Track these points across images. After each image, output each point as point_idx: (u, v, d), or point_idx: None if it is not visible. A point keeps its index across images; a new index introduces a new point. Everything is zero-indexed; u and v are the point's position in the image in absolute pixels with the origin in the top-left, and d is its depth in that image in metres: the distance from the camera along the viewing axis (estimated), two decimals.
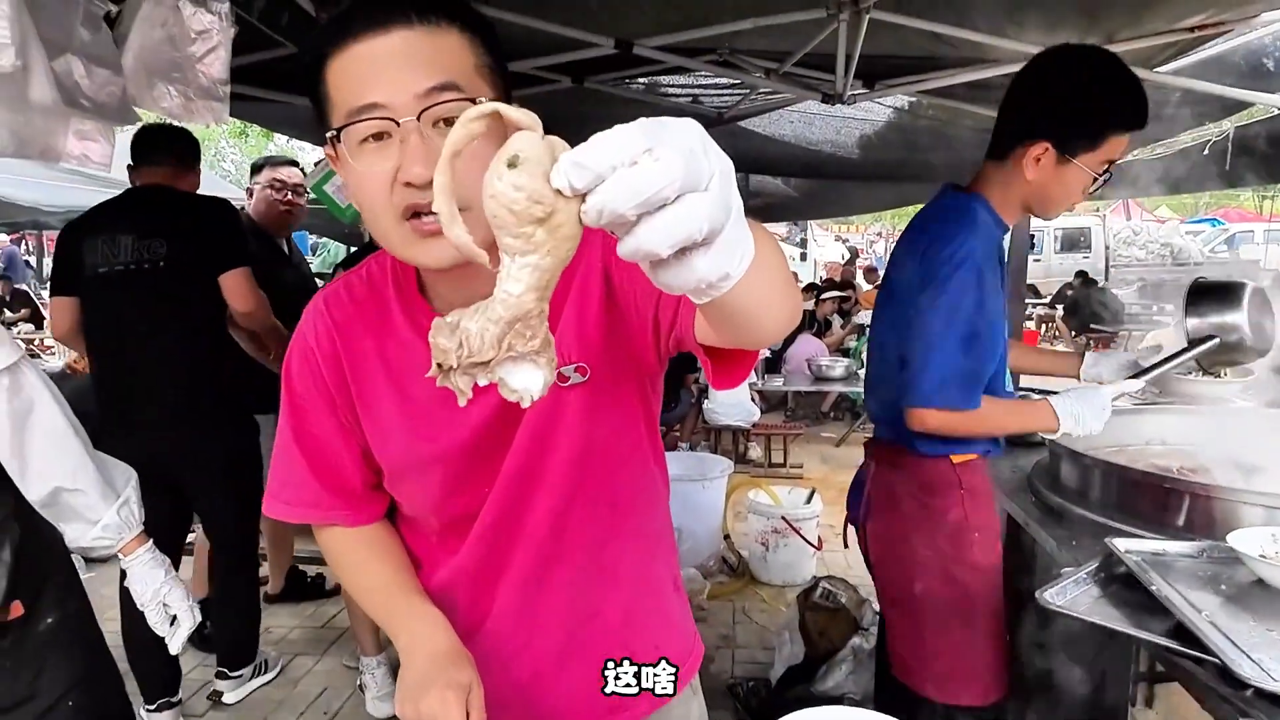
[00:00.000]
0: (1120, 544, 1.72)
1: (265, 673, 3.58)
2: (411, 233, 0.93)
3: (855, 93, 3.80)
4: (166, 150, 3.05)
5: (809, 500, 4.68)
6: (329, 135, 0.96)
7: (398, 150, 0.90)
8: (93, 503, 1.52)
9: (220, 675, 3.42)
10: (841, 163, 6.81)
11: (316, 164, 3.10)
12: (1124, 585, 1.69)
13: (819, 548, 4.65)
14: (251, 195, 3.72)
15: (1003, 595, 2.05)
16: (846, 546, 2.40)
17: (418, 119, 0.88)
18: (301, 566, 4.36)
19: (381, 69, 0.90)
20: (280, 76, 3.81)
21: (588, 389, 1.08)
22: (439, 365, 0.60)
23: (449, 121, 0.87)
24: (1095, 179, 1.90)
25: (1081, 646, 1.95)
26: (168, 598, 1.63)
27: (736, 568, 4.70)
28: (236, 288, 2.92)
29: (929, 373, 1.89)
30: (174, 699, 3.11)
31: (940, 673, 2.08)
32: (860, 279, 12.81)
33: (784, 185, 8.96)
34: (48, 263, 14.42)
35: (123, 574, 1.74)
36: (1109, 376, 2.31)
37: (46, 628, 1.50)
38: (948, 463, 2.05)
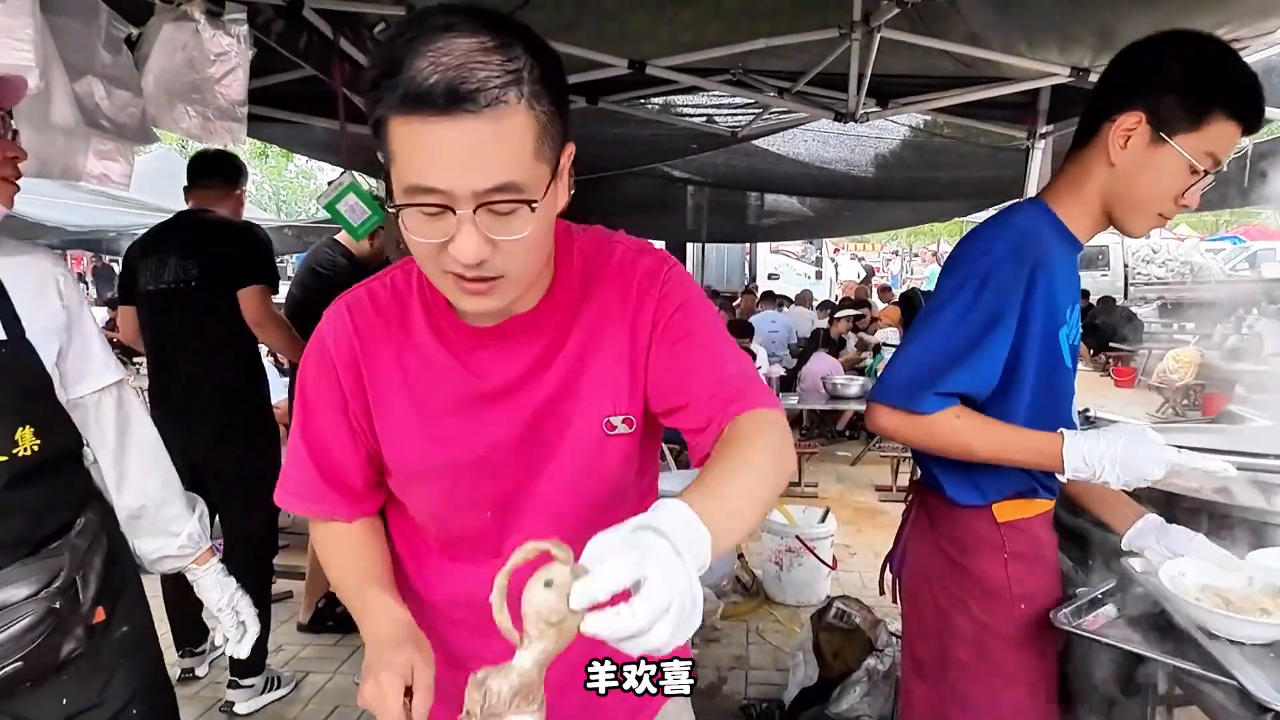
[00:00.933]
0: (1137, 564, 1.70)
1: (278, 688, 3.59)
2: (456, 287, 1.00)
3: (868, 111, 3.81)
4: (213, 174, 3.33)
5: (823, 519, 4.64)
6: (390, 205, 0.98)
7: (451, 224, 0.93)
8: (178, 514, 1.62)
9: (232, 685, 3.45)
10: (856, 181, 6.82)
11: (330, 184, 3.14)
12: (1141, 606, 1.66)
13: (834, 567, 4.61)
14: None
15: (1054, 681, 1.77)
16: (883, 594, 2.08)
17: (473, 212, 0.92)
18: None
19: (443, 161, 0.90)
20: (298, 98, 3.87)
21: (630, 439, 1.17)
22: (468, 712, 0.81)
23: (494, 210, 0.93)
24: (1194, 171, 1.52)
25: (1097, 670, 1.91)
26: (238, 604, 1.71)
27: (750, 587, 4.66)
28: (248, 303, 3.16)
29: (893, 368, 1.67)
30: None
31: None
32: (875, 298, 12.77)
33: (799, 204, 8.97)
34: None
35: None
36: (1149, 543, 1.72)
37: (121, 636, 1.56)
38: (989, 518, 1.71)
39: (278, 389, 5.40)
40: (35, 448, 1.33)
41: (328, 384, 1.17)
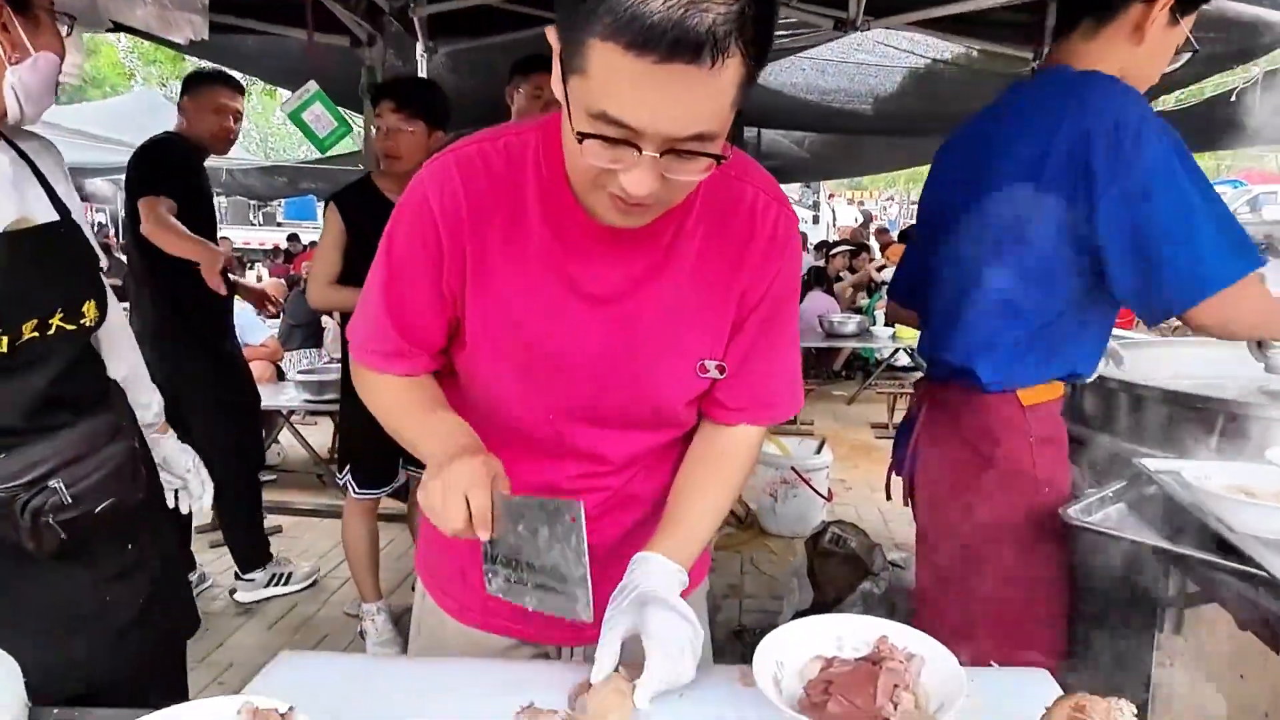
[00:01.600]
0: (1151, 464, 1.62)
1: (284, 584, 3.83)
2: (609, 204, 0.97)
3: (869, 20, 3.64)
4: (186, 89, 3.37)
5: (819, 451, 4.58)
6: (574, 127, 0.90)
7: (630, 157, 0.89)
8: (148, 385, 1.75)
9: (237, 576, 3.83)
10: (855, 117, 6.65)
11: (295, 92, 2.99)
12: (1154, 506, 1.59)
13: (829, 499, 4.56)
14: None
15: (1068, 567, 1.75)
16: (889, 499, 2.11)
17: (658, 155, 0.88)
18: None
19: (646, 103, 0.85)
20: (265, 8, 3.69)
21: (709, 382, 1.18)
22: None
23: (680, 153, 0.89)
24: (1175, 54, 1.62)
25: (1106, 572, 1.84)
26: (199, 466, 1.84)
27: (745, 519, 4.62)
28: (140, 217, 3.19)
29: (1202, 246, 1.44)
30: None
31: (986, 651, 1.75)
32: (873, 240, 12.60)
33: (796, 147, 8.79)
34: None
35: None
36: None
37: (153, 496, 1.68)
38: (1015, 403, 1.69)
39: (257, 330, 5.30)
40: (95, 320, 1.45)
41: (423, 244, 1.09)
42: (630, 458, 1.24)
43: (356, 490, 3.24)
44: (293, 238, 15.89)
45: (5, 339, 1.29)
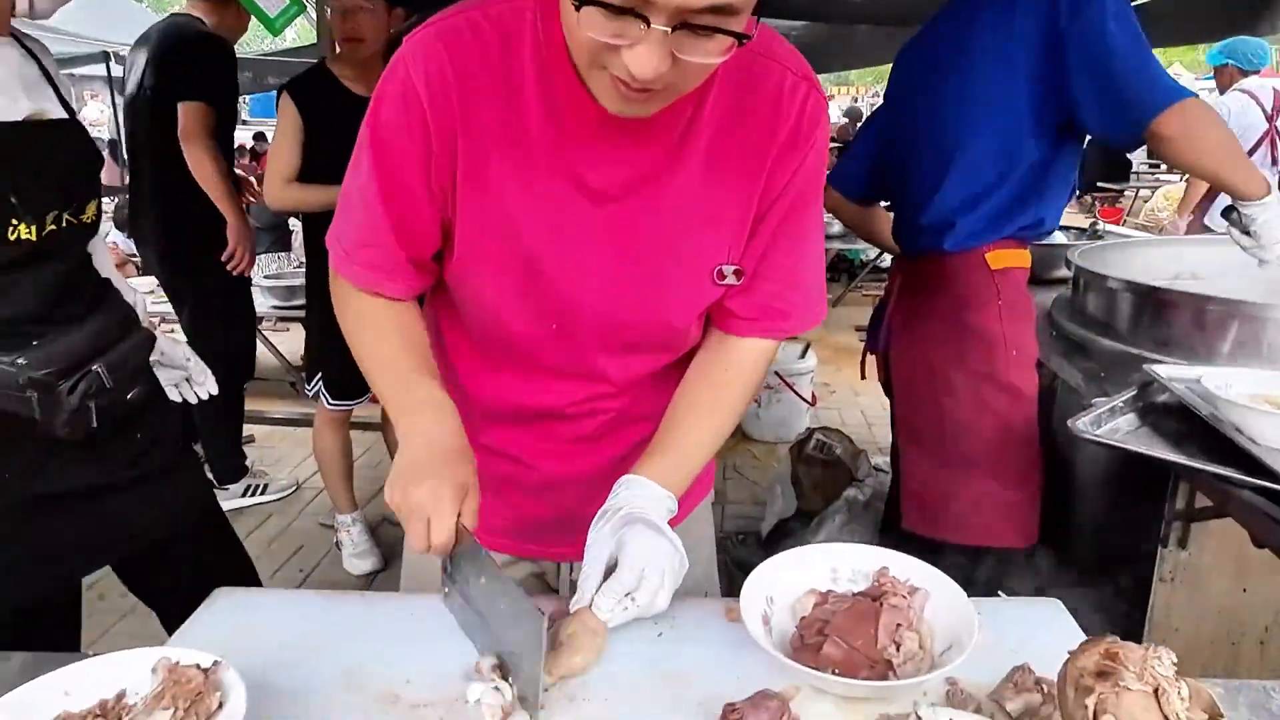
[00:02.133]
0: (1163, 370, 1.51)
1: (262, 494, 3.77)
2: (610, 88, 0.84)
3: None
4: None
5: (803, 355, 4.48)
6: None
7: (636, 31, 0.75)
8: (128, 288, 1.68)
9: (213, 487, 3.64)
10: (844, 6, 6.31)
11: None
12: (1163, 415, 1.49)
13: (813, 403, 4.49)
14: None
15: (1038, 426, 1.84)
16: (864, 377, 2.20)
17: (671, 30, 0.74)
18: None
19: None
20: None
21: (728, 290, 1.06)
22: None
23: (694, 29, 0.75)
24: None
25: (1109, 485, 1.77)
26: (192, 353, 1.81)
27: None
28: (182, 117, 3.06)
29: (1156, 75, 1.60)
30: None
31: (963, 512, 1.88)
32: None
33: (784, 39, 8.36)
34: None
35: None
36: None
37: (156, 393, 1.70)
38: (983, 267, 1.82)
39: None
40: (94, 219, 1.44)
41: (409, 131, 0.94)
42: (635, 379, 1.12)
43: (329, 401, 3.12)
44: (259, 136, 15.27)
45: (34, 227, 1.29)
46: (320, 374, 3.10)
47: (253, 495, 3.76)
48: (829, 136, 1.04)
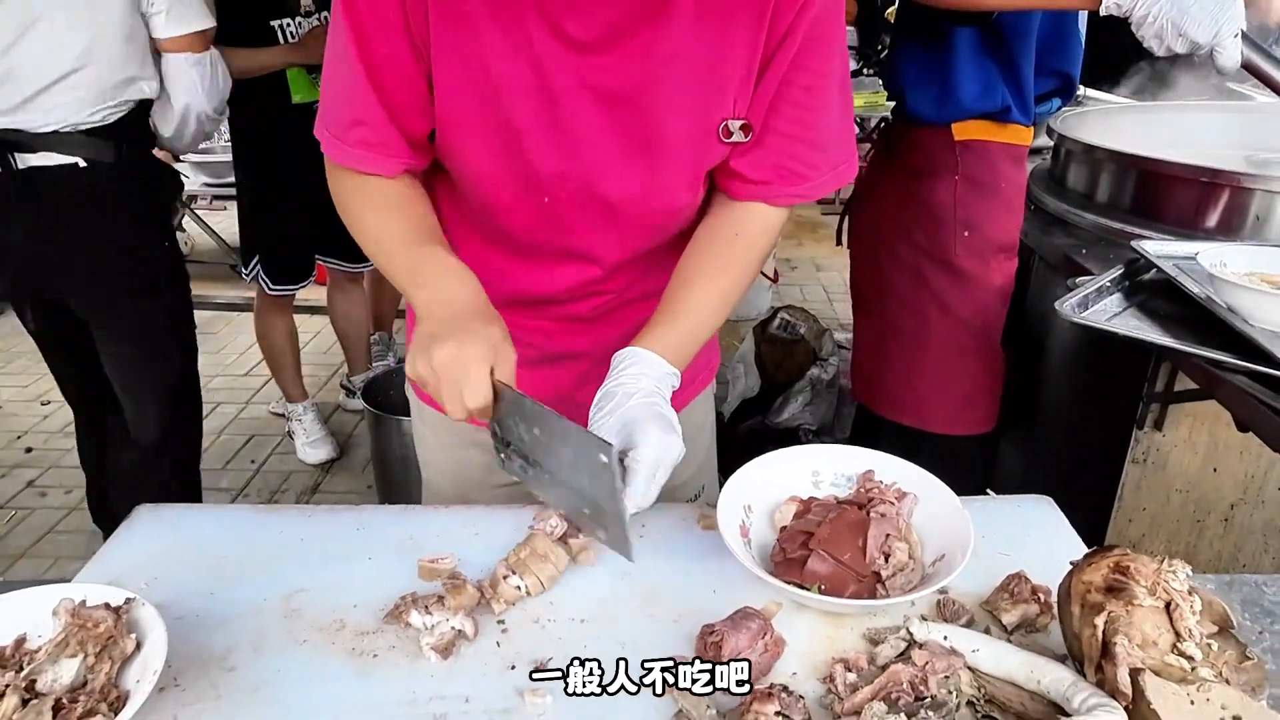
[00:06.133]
0: (1151, 247, 1.43)
1: None
2: None
3: None
4: None
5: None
6: None
7: None
8: None
9: None
10: None
11: None
12: (1152, 295, 1.42)
13: (775, 280, 4.41)
14: None
15: (1000, 317, 1.76)
16: (839, 244, 2.07)
17: None
18: None
19: None
20: None
21: (735, 148, 0.95)
22: None
23: None
24: None
25: (1086, 368, 1.72)
26: None
27: None
28: None
29: None
30: None
31: (897, 390, 1.84)
32: None
33: None
34: None
35: None
36: None
37: None
38: (946, 136, 1.65)
39: None
40: None
41: None
42: (630, 258, 1.02)
43: (270, 285, 2.95)
44: None
45: None
46: (258, 256, 2.91)
47: None
48: None
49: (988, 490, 1.04)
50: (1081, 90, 2.92)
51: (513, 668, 0.76)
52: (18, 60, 1.73)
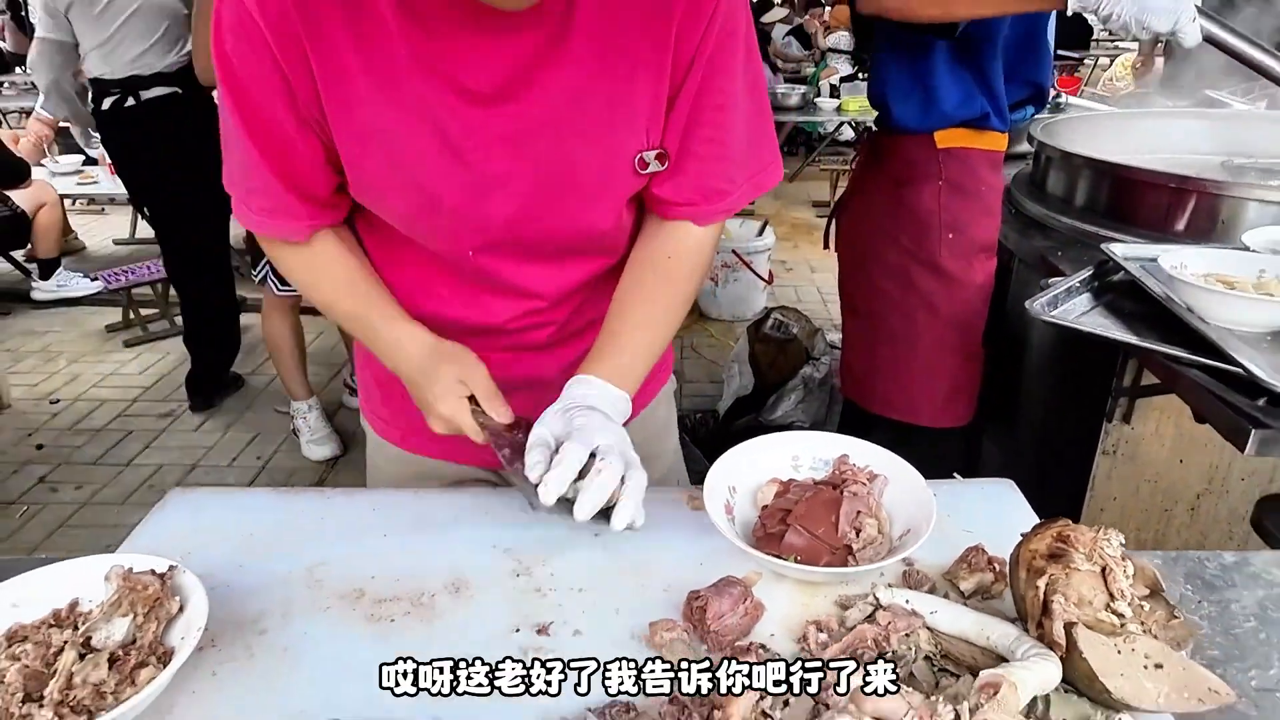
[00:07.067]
0: (1119, 249, 1.51)
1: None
2: None
3: None
4: None
5: (760, 232, 4.44)
6: None
7: None
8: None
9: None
10: None
11: None
12: (1118, 294, 1.50)
13: (769, 282, 4.49)
14: None
15: (981, 315, 1.84)
16: (826, 247, 2.16)
17: None
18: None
19: None
20: None
21: (653, 177, 0.98)
22: None
23: None
24: None
25: (1059, 364, 1.80)
26: None
27: None
28: None
29: None
30: None
31: (887, 388, 1.92)
32: None
33: None
34: None
35: None
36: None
37: None
38: (929, 144, 1.74)
39: None
40: None
41: (257, 62, 0.84)
42: (569, 289, 1.06)
43: (278, 287, 3.03)
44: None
45: None
46: (266, 258, 2.99)
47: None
48: None
49: (955, 474, 1.11)
50: (1064, 97, 3.01)
51: (517, 630, 0.83)
52: (124, 35, 3.05)
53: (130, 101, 3.15)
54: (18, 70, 10.00)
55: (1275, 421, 1.11)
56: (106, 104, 3.16)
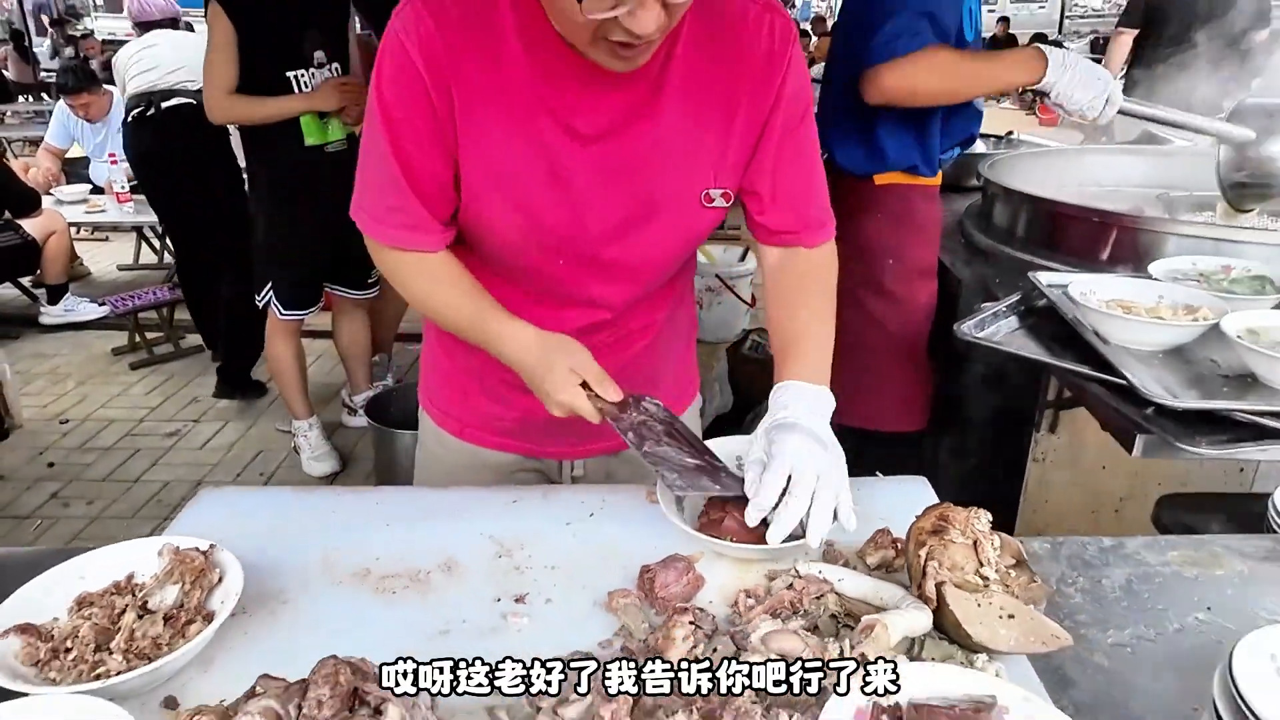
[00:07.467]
0: (1043, 278, 1.69)
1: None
2: (609, 52, 0.96)
3: None
4: None
5: (743, 258, 4.63)
6: None
7: None
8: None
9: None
10: None
11: None
12: (1042, 318, 1.68)
13: (751, 304, 4.67)
14: None
15: (924, 331, 2.05)
16: None
17: None
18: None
19: None
20: None
21: (719, 214, 1.16)
22: None
23: None
24: None
25: (996, 379, 1.98)
26: None
27: None
28: None
29: (881, 31, 1.74)
30: None
31: (846, 399, 2.09)
32: (809, 28, 12.08)
33: None
34: None
35: None
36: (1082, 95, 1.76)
37: None
38: (869, 183, 1.98)
39: None
40: None
41: (412, 95, 1.04)
42: (631, 300, 1.24)
43: (282, 311, 3.19)
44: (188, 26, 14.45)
45: None
46: (270, 284, 3.16)
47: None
48: (803, 54, 1.15)
49: (876, 472, 1.27)
50: (1016, 134, 3.22)
51: (498, 600, 1.00)
52: (156, 61, 3.76)
53: (151, 111, 3.69)
54: (20, 100, 10.28)
55: (1157, 428, 1.28)
56: (131, 116, 3.75)
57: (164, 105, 3.71)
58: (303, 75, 2.89)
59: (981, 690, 0.76)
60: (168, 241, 5.94)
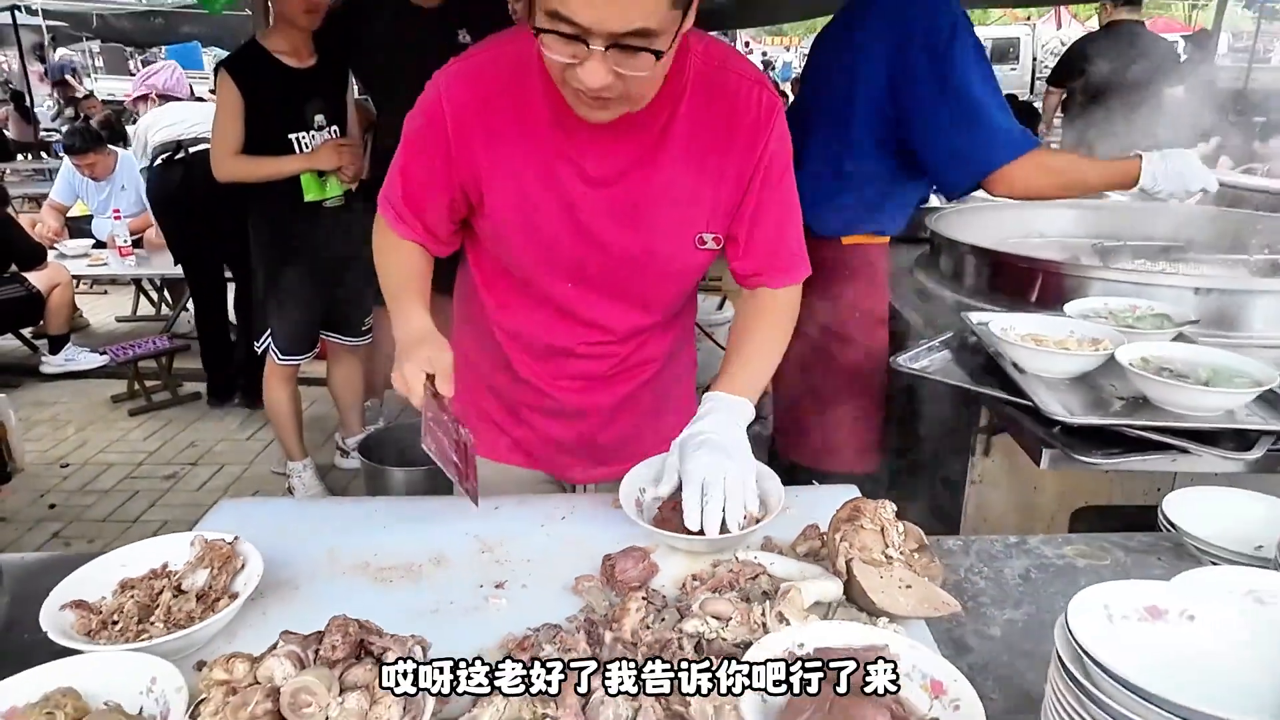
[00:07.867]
0: (973, 316, 1.89)
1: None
2: (575, 98, 1.14)
3: None
4: None
5: (720, 306, 4.85)
6: (534, 25, 1.05)
7: (583, 51, 1.03)
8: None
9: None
10: None
11: None
12: (973, 353, 1.87)
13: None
14: None
15: (882, 375, 2.21)
16: None
17: (605, 49, 1.02)
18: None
19: (593, 1, 0.98)
20: None
21: (711, 255, 1.37)
22: None
23: (624, 48, 1.03)
24: None
25: (937, 410, 2.16)
26: None
27: None
28: None
29: (995, 130, 1.85)
30: None
31: (817, 444, 2.29)
32: (788, 89, 12.51)
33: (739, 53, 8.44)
34: None
35: None
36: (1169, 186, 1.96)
37: None
38: (837, 245, 2.14)
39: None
40: None
41: (434, 138, 1.27)
42: (633, 329, 1.45)
43: (279, 357, 3.35)
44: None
45: None
46: (269, 331, 3.33)
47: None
48: (785, 123, 1.34)
49: (813, 480, 1.44)
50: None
51: (481, 586, 1.16)
52: (178, 118, 4.31)
53: (180, 155, 4.22)
54: (20, 158, 10.54)
55: (1060, 443, 1.46)
56: (159, 160, 4.26)
57: (191, 150, 4.17)
58: (303, 137, 3.11)
59: (879, 641, 0.92)
60: (165, 294, 6.14)
